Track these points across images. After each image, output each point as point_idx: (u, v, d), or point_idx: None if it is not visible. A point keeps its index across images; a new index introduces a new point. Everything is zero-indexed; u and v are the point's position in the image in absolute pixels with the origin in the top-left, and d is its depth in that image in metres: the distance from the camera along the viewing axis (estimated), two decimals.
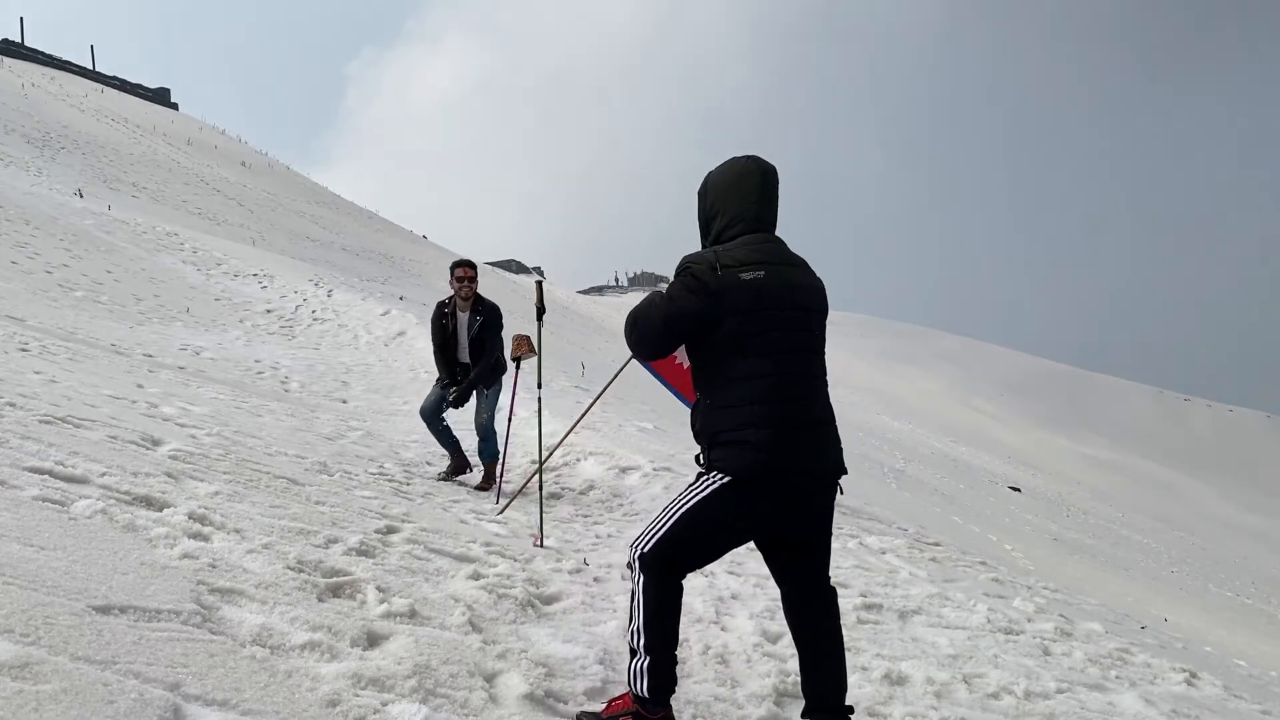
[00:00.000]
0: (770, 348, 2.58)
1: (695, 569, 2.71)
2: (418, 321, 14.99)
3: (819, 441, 2.63)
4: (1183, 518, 31.74)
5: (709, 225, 2.81)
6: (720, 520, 2.58)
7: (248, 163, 48.90)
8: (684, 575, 2.65)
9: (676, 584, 2.62)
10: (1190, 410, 78.23)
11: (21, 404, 4.42)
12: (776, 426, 2.53)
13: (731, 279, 2.56)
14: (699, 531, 2.59)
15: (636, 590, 2.60)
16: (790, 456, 2.53)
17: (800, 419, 2.58)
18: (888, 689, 3.41)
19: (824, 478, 2.64)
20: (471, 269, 6.37)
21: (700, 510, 2.57)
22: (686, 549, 2.61)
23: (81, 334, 8.95)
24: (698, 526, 2.58)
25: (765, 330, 2.58)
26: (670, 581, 2.60)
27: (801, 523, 2.67)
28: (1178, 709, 3.84)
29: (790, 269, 2.68)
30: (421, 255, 39.31)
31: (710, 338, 2.60)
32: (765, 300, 2.57)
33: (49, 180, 23.73)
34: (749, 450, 2.52)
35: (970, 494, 15.89)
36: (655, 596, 2.57)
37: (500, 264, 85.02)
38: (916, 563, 5.94)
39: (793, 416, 2.57)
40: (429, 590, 3.41)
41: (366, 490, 5.02)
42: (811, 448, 2.59)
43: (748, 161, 2.76)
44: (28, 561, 2.39)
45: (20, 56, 60.32)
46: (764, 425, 2.53)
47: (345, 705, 2.27)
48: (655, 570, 2.58)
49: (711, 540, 2.64)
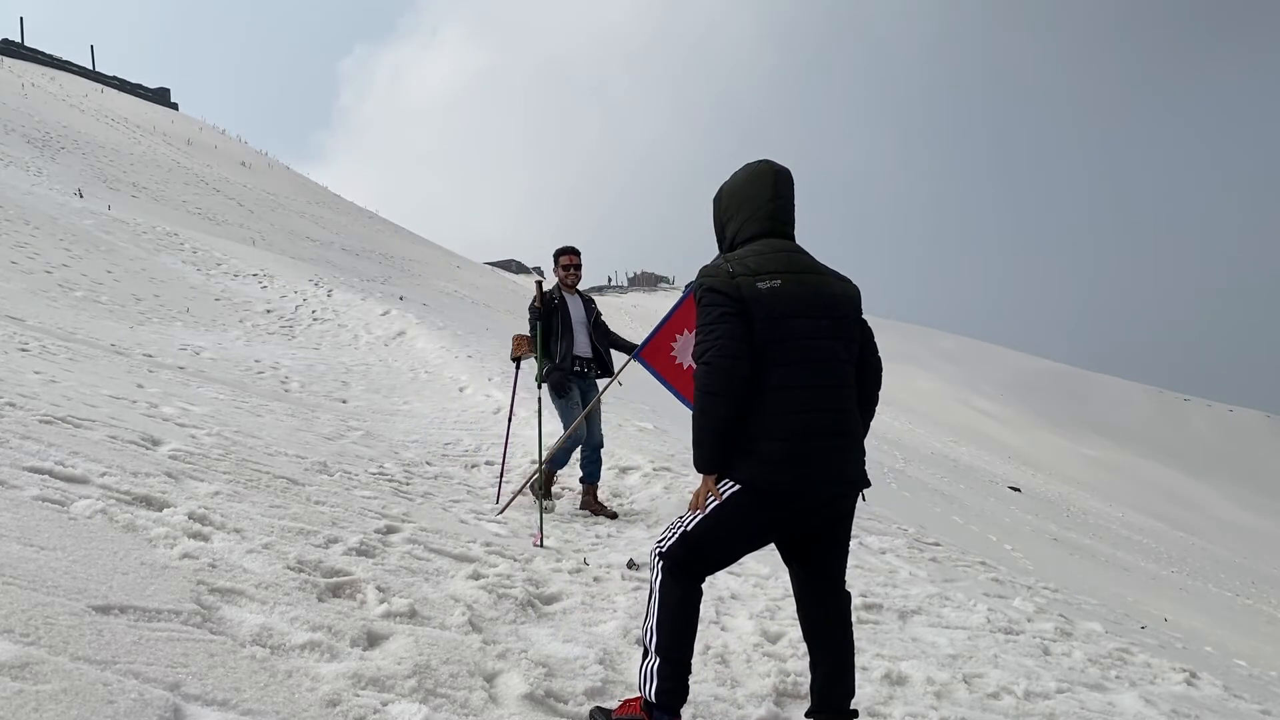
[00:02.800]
0: (794, 357, 2.51)
1: (714, 571, 2.69)
2: (417, 321, 14.99)
3: (837, 455, 2.57)
4: (1183, 518, 31.74)
5: (723, 230, 2.77)
6: (736, 525, 2.57)
7: (248, 163, 48.91)
8: (703, 578, 2.64)
9: (694, 586, 2.60)
10: (1190, 410, 78.23)
11: (21, 404, 4.42)
12: (793, 440, 2.48)
13: (749, 286, 2.50)
14: (718, 535, 2.57)
15: (655, 588, 2.59)
16: (803, 471, 2.50)
17: (821, 431, 2.53)
18: (888, 689, 3.41)
19: (838, 490, 2.61)
20: (577, 255, 6.14)
21: (718, 514, 2.56)
22: (706, 551, 2.60)
23: (81, 334, 8.95)
24: (717, 530, 2.57)
25: (788, 339, 2.51)
26: (688, 583, 2.59)
27: (817, 527, 2.67)
28: (1178, 709, 3.84)
29: (814, 276, 2.61)
30: (422, 255, 39.32)
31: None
32: (787, 308, 2.51)
33: (49, 180, 23.73)
34: (758, 462, 2.49)
35: (970, 494, 15.88)
36: (672, 597, 2.56)
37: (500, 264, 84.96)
38: (916, 563, 5.95)
39: (814, 429, 2.51)
40: (429, 590, 3.41)
41: (366, 490, 5.02)
42: (826, 461, 2.53)
43: (760, 164, 2.73)
44: (28, 561, 2.39)
45: (20, 56, 60.32)
46: (779, 438, 2.48)
47: (345, 705, 2.27)
48: (674, 570, 2.58)
49: (729, 544, 2.63)
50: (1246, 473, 57.79)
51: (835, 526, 2.70)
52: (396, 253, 36.14)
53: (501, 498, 5.84)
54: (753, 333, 2.49)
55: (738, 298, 2.49)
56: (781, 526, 2.64)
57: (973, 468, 24.16)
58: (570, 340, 6.03)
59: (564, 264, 6.12)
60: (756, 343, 2.49)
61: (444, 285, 29.93)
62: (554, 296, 6.13)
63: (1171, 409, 76.87)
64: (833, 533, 2.71)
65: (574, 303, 6.15)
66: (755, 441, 2.50)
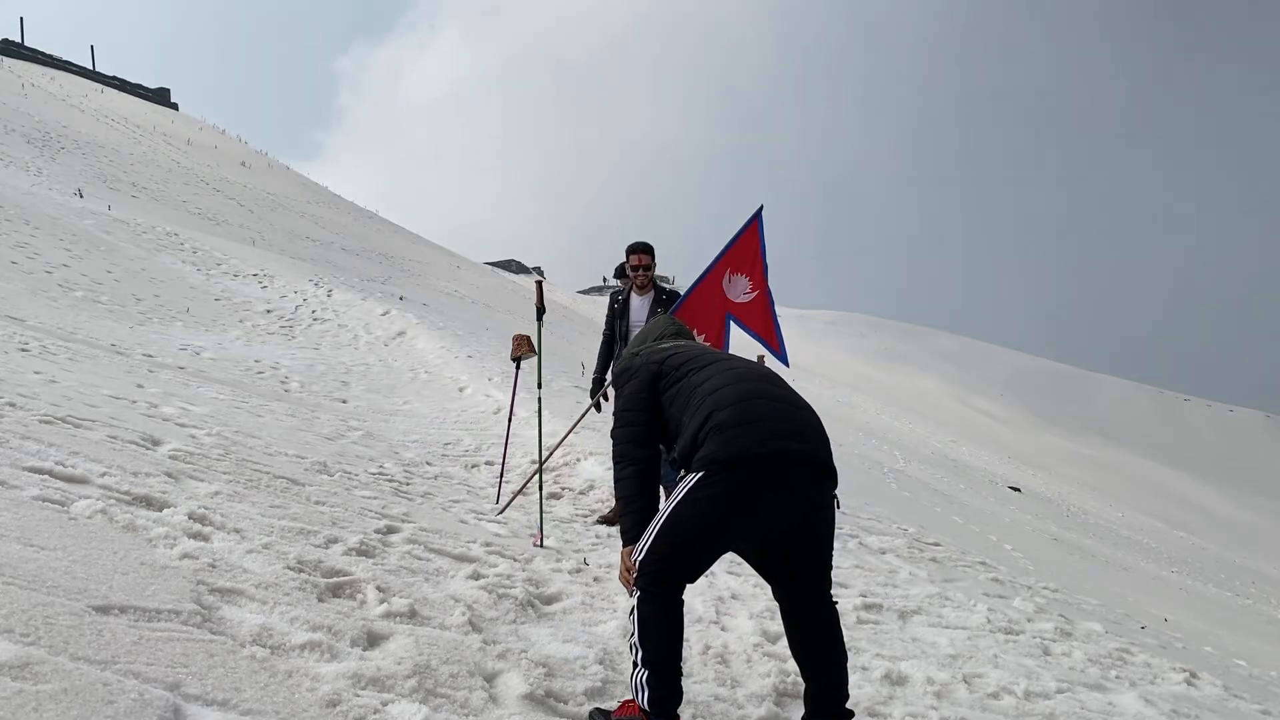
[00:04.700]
0: (719, 368, 2.84)
1: (689, 579, 2.63)
2: (417, 321, 14.99)
3: (788, 409, 2.70)
4: (1182, 518, 31.75)
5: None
6: (701, 520, 2.55)
7: (248, 163, 48.89)
8: (679, 586, 2.59)
9: (670, 596, 2.55)
10: (1190, 410, 78.21)
11: (21, 404, 4.42)
12: (740, 403, 2.63)
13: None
14: (681, 537, 2.55)
15: (634, 606, 2.57)
16: (755, 428, 2.57)
17: (765, 395, 2.70)
18: (888, 689, 3.41)
19: (796, 449, 2.59)
20: (647, 255, 5.69)
21: (678, 514, 2.56)
22: (677, 552, 2.56)
23: (81, 334, 8.94)
24: (679, 532, 2.55)
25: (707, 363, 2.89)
26: (661, 594, 2.54)
27: (789, 507, 2.61)
28: (1178, 709, 3.84)
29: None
30: (422, 255, 39.31)
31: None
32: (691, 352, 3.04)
33: (49, 180, 23.72)
34: (718, 432, 2.58)
35: (970, 494, 15.88)
36: (646, 611, 2.53)
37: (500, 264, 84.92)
38: (916, 563, 5.95)
39: (758, 393, 2.69)
40: (429, 590, 3.41)
41: (366, 490, 5.02)
42: (777, 416, 2.65)
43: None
44: (28, 561, 2.39)
45: (20, 56, 60.30)
46: (725, 406, 2.63)
47: (345, 705, 2.27)
48: (644, 583, 2.55)
49: (694, 544, 2.58)
50: (1246, 473, 57.79)
51: (812, 538, 2.68)
52: (396, 253, 36.12)
53: (501, 498, 5.84)
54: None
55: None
56: (749, 512, 2.57)
57: (972, 468, 24.16)
58: (625, 347, 5.80)
59: (631, 264, 5.74)
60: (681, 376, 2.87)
61: (444, 285, 29.93)
62: (617, 300, 5.81)
63: (1171, 409, 76.87)
64: (812, 546, 2.69)
65: (639, 305, 5.76)
66: (705, 426, 2.62)
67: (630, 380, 3.00)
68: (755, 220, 5.46)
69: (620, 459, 2.86)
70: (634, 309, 5.78)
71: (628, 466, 2.83)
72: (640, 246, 5.76)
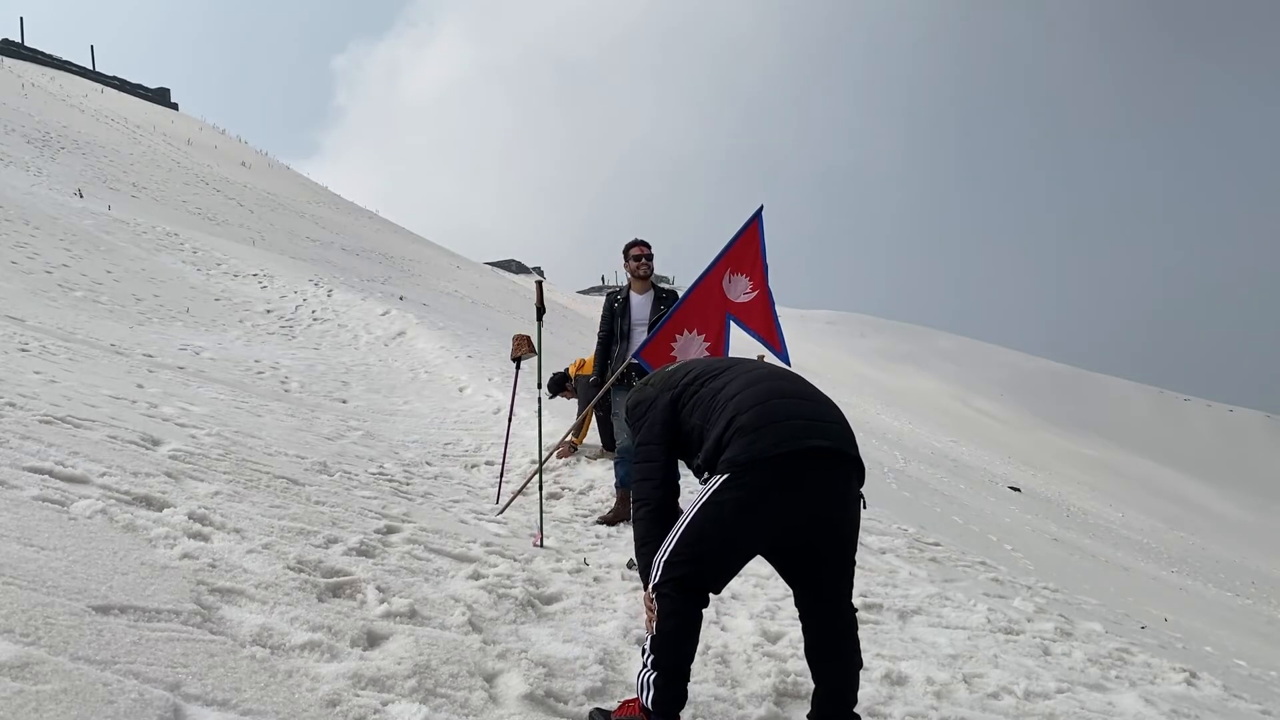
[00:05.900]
0: (737, 371, 2.85)
1: (712, 587, 2.61)
2: (417, 321, 14.98)
3: (809, 405, 2.69)
4: (1182, 518, 31.75)
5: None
6: (723, 524, 2.53)
7: (248, 163, 48.87)
8: (702, 595, 2.58)
9: (692, 604, 2.55)
10: (1190, 410, 78.18)
11: (21, 404, 4.42)
12: (761, 405, 2.62)
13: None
14: (703, 540, 2.54)
15: (655, 611, 2.56)
16: (777, 427, 2.56)
17: (786, 393, 2.69)
18: (888, 689, 3.41)
19: (820, 443, 2.57)
20: (648, 246, 5.80)
21: (700, 518, 2.55)
22: (702, 558, 2.55)
23: (81, 334, 8.94)
24: (701, 535, 2.54)
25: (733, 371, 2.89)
26: (683, 602, 2.54)
27: (814, 505, 2.58)
28: (1178, 709, 3.84)
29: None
30: (422, 255, 39.30)
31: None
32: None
33: (49, 180, 23.72)
34: (741, 435, 2.56)
35: (970, 494, 15.88)
36: (666, 617, 2.53)
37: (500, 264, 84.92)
38: (916, 563, 5.95)
39: (778, 392, 2.69)
40: (429, 590, 3.41)
41: (366, 490, 5.02)
42: (799, 413, 2.63)
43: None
44: (28, 561, 2.39)
45: (20, 56, 60.26)
46: (746, 409, 2.62)
47: (345, 705, 2.27)
48: (666, 590, 2.55)
49: (717, 550, 2.57)
50: (1246, 472, 57.77)
51: (839, 541, 2.66)
52: (396, 253, 36.10)
53: (501, 498, 5.84)
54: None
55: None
56: (775, 520, 2.57)
57: (972, 467, 24.15)
58: (626, 345, 5.70)
59: (634, 254, 5.78)
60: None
61: (444, 285, 29.91)
62: (616, 299, 5.82)
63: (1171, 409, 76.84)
64: (838, 549, 2.67)
65: (640, 303, 5.80)
66: (729, 427, 2.61)
67: (648, 411, 2.92)
68: (755, 220, 5.48)
69: (638, 499, 2.81)
70: (635, 306, 5.83)
71: (643, 507, 2.78)
72: (642, 241, 5.88)
